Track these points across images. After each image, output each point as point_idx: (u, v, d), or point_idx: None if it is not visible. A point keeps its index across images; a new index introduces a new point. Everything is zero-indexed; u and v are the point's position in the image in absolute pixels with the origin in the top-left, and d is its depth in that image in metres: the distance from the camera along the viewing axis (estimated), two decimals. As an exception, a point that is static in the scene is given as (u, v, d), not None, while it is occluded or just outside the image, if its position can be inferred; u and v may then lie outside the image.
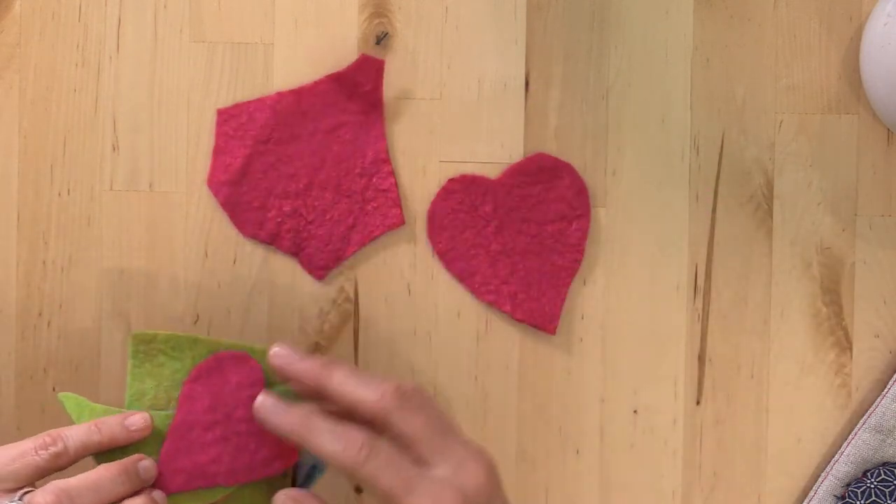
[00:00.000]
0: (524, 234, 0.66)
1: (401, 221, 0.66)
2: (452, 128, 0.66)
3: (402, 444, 0.56)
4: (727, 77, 0.67)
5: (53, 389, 0.66)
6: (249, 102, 0.65)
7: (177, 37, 0.66)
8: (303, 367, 0.57)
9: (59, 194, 0.66)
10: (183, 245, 0.66)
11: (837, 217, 0.67)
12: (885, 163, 0.67)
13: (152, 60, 0.66)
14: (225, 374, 0.58)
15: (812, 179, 0.67)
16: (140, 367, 0.57)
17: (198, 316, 0.66)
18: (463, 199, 0.66)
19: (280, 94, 0.65)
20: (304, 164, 0.66)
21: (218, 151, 0.66)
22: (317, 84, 0.66)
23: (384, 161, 0.66)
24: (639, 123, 0.67)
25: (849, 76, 0.67)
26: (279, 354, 0.58)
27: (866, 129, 0.67)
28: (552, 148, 0.67)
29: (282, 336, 0.66)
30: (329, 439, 0.55)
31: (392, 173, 0.66)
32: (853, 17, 0.67)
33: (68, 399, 0.58)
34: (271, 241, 0.66)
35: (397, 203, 0.66)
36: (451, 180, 0.66)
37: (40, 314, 0.66)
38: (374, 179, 0.66)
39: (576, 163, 0.67)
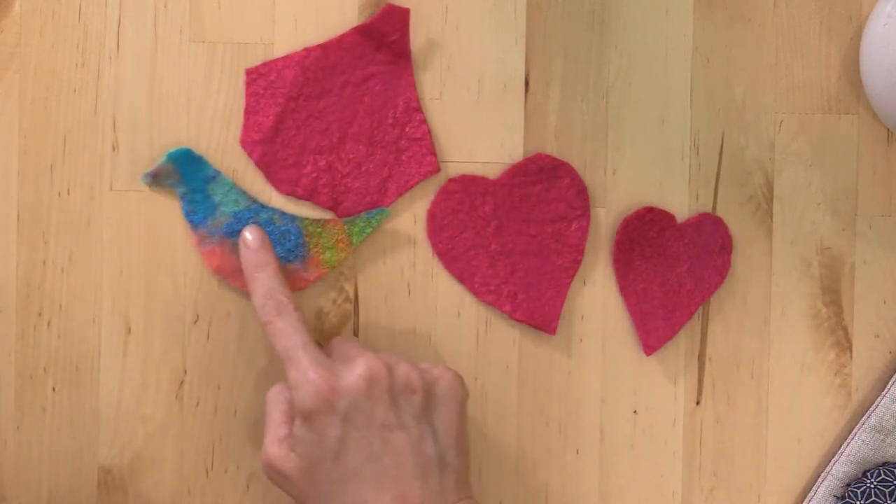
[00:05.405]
0: (524, 234, 0.66)
1: (436, 169, 0.66)
2: (452, 128, 0.66)
3: None
4: (727, 77, 0.67)
5: (53, 389, 0.66)
6: (277, 60, 0.65)
7: (177, 37, 0.66)
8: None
9: (59, 194, 0.66)
10: (183, 245, 0.66)
11: (837, 217, 0.67)
12: (885, 163, 0.67)
13: (152, 60, 0.66)
14: None
15: (812, 179, 0.67)
16: None
17: (198, 316, 0.66)
18: (463, 199, 0.66)
19: (307, 50, 0.65)
20: (335, 117, 0.65)
21: (249, 111, 0.65)
22: (343, 37, 0.65)
23: (416, 110, 0.66)
24: (639, 123, 0.67)
25: (849, 76, 0.67)
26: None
27: (866, 129, 0.67)
28: (552, 148, 0.67)
29: (282, 336, 0.66)
30: (256, 289, 0.62)
31: (424, 121, 0.66)
32: (853, 17, 0.67)
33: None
34: (309, 196, 0.66)
35: (431, 151, 0.66)
36: (451, 180, 0.66)
37: (40, 314, 0.66)
38: (407, 129, 0.66)
39: (576, 163, 0.67)
